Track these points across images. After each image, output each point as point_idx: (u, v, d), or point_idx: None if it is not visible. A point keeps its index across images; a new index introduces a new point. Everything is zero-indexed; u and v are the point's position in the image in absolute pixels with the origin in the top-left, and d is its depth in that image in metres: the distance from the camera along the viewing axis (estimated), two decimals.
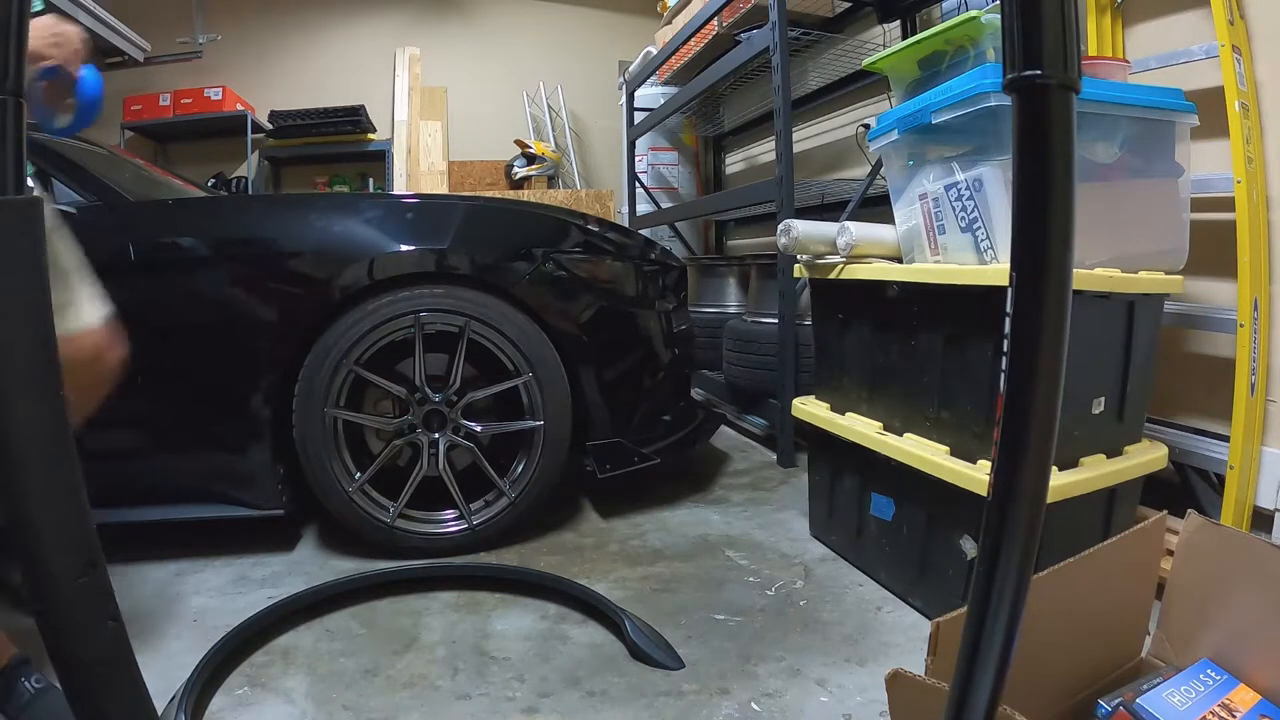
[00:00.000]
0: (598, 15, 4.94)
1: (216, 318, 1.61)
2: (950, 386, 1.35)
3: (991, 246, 1.29)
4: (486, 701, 1.15)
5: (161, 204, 1.77)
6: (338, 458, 1.66)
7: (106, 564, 0.53)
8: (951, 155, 1.40)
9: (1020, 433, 0.44)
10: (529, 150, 4.44)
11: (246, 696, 1.16)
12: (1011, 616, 0.46)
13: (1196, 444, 1.57)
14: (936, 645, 0.75)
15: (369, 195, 3.97)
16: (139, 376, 1.61)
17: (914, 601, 1.43)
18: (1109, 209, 1.38)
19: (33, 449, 0.50)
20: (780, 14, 2.20)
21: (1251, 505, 1.47)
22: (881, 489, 1.50)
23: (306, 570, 1.62)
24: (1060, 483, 1.22)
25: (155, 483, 1.64)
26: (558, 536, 1.80)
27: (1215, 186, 1.52)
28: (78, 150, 1.86)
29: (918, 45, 1.56)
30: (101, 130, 3.78)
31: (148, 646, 1.29)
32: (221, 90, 4.22)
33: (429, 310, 1.63)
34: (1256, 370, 1.45)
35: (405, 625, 1.38)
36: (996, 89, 1.22)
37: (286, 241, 1.65)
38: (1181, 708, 0.83)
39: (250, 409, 1.61)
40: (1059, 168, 0.42)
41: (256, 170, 4.48)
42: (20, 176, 0.49)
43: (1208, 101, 1.48)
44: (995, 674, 0.46)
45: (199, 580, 1.57)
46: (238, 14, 4.55)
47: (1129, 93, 1.36)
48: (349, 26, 4.78)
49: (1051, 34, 0.41)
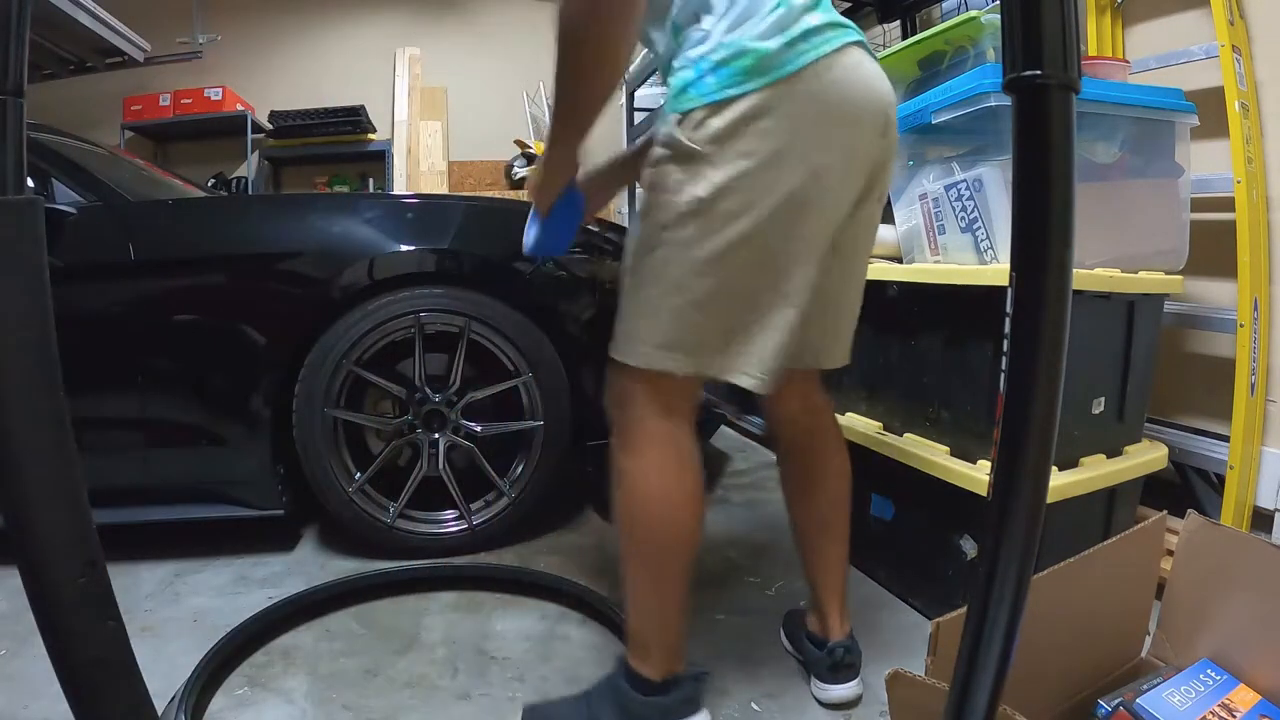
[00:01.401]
0: None
1: (216, 318, 1.61)
2: (950, 386, 1.35)
3: (991, 246, 1.29)
4: (487, 702, 1.15)
5: (161, 204, 1.77)
6: (338, 458, 1.66)
7: (106, 564, 0.53)
8: (951, 155, 1.40)
9: (1020, 433, 0.44)
10: (529, 150, 4.43)
11: (246, 696, 1.16)
12: (1011, 616, 0.46)
13: (1196, 444, 1.57)
14: (936, 645, 0.75)
15: (369, 195, 3.97)
16: (139, 376, 1.62)
17: (914, 601, 1.43)
18: (1109, 209, 1.38)
19: (33, 449, 0.50)
20: None
21: (1251, 505, 1.47)
22: (881, 489, 1.50)
23: (306, 570, 1.62)
24: (1060, 483, 1.22)
25: (155, 483, 1.63)
26: (558, 537, 1.80)
27: (1215, 186, 1.52)
28: (78, 150, 1.86)
29: (918, 45, 1.56)
30: (101, 130, 3.78)
31: (147, 646, 1.29)
32: (221, 90, 4.22)
33: (429, 310, 1.63)
34: (1256, 370, 1.45)
35: (405, 625, 1.38)
36: (996, 89, 1.22)
37: (286, 242, 1.65)
38: (1181, 708, 0.83)
39: (250, 409, 1.60)
40: (1059, 168, 0.42)
41: (256, 170, 4.48)
42: (20, 176, 0.49)
43: (1208, 101, 1.48)
44: (995, 674, 0.46)
45: (199, 580, 1.57)
46: (238, 14, 4.55)
47: (1129, 93, 1.36)
48: (349, 26, 4.78)
49: (1051, 34, 0.41)
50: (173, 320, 1.60)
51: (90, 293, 1.56)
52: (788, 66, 0.89)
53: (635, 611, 1.01)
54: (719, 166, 0.90)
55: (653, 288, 0.95)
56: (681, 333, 0.94)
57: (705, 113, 0.90)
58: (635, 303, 0.97)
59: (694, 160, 0.91)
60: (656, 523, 0.98)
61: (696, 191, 0.91)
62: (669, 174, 0.93)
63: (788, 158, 0.91)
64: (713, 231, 0.91)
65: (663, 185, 0.93)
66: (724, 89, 0.89)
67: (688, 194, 0.91)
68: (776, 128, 0.90)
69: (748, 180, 0.91)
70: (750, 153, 0.90)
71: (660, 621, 1.00)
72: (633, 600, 1.02)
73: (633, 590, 1.02)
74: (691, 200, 0.91)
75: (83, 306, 1.54)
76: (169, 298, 1.60)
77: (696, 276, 0.92)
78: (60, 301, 0.51)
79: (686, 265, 0.92)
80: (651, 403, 0.97)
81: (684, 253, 0.92)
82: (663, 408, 0.97)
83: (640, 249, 0.96)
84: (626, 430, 0.99)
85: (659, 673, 0.99)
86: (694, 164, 0.91)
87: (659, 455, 0.97)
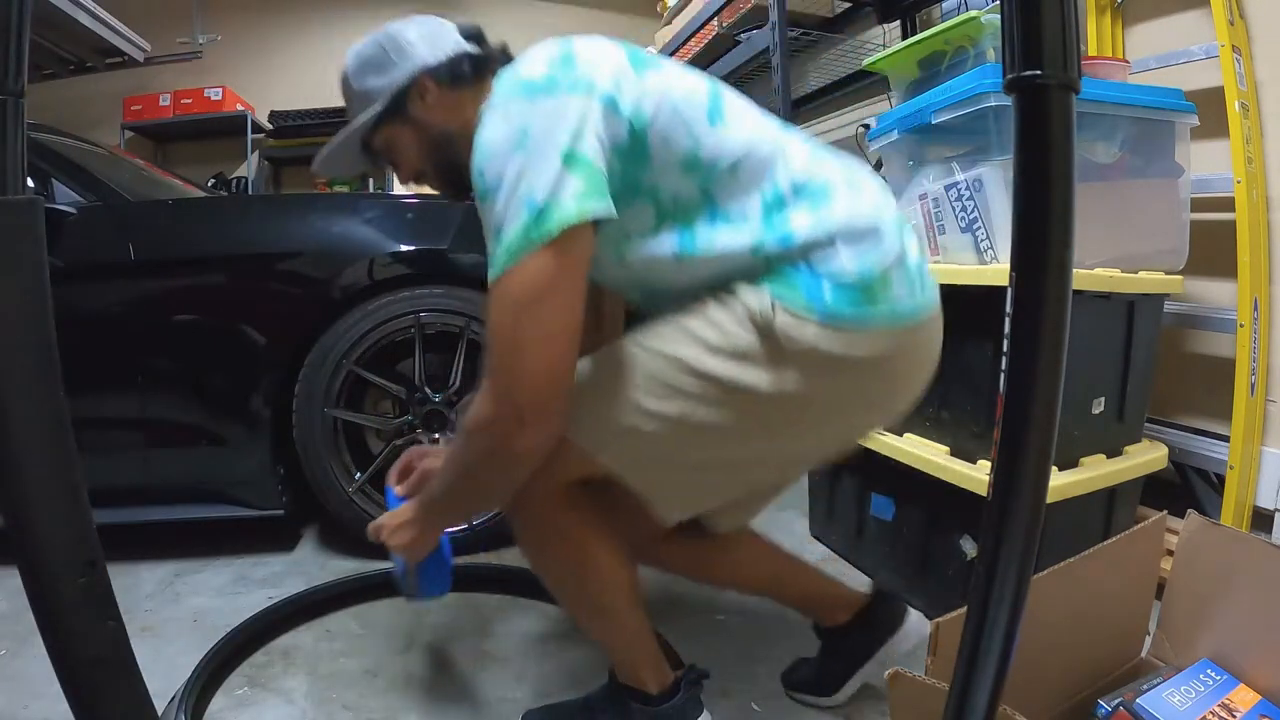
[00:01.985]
0: (597, 15, 4.93)
1: (216, 318, 1.61)
2: (950, 386, 1.35)
3: (991, 246, 1.29)
4: (487, 702, 1.15)
5: (161, 204, 1.77)
6: (338, 458, 1.66)
7: (106, 564, 0.53)
8: (951, 155, 1.40)
9: (1020, 433, 0.45)
10: None
11: (246, 696, 1.16)
12: (1011, 616, 0.46)
13: (1196, 444, 1.57)
14: (936, 645, 0.75)
15: (369, 195, 3.97)
16: (139, 376, 1.62)
17: (914, 601, 1.42)
18: (1109, 209, 1.38)
19: (33, 449, 0.50)
20: (780, 14, 2.20)
21: (1251, 505, 1.47)
22: (881, 489, 1.49)
23: (306, 570, 1.62)
24: (1060, 483, 1.22)
25: (155, 483, 1.63)
26: None
27: (1215, 186, 1.52)
28: (78, 150, 1.86)
29: (918, 45, 1.56)
30: (101, 130, 3.78)
31: (147, 646, 1.29)
32: (221, 90, 4.22)
33: (429, 310, 1.63)
34: (1256, 370, 1.45)
35: (405, 625, 1.38)
36: (996, 89, 1.22)
37: (287, 242, 1.65)
38: (1181, 708, 0.83)
39: (250, 409, 1.60)
40: (1059, 168, 0.42)
41: (256, 170, 4.47)
42: (20, 176, 0.49)
43: (1208, 101, 1.47)
44: (995, 674, 0.47)
45: (199, 580, 1.57)
46: (238, 14, 4.55)
47: (1129, 93, 1.36)
48: (349, 26, 4.77)
49: (1051, 34, 0.41)
50: (173, 320, 1.60)
51: (90, 293, 1.56)
52: (917, 316, 0.85)
53: (603, 644, 1.02)
54: (790, 375, 0.83)
55: (640, 404, 0.87)
56: (639, 455, 0.89)
57: (815, 324, 0.82)
58: (609, 396, 0.88)
59: (773, 351, 0.83)
60: (582, 583, 0.96)
61: (754, 380, 0.83)
62: (735, 335, 0.84)
63: (863, 401, 0.88)
64: (744, 420, 0.85)
65: (717, 334, 0.85)
66: (843, 313, 0.82)
67: (743, 374, 0.83)
68: (876, 373, 0.85)
69: (814, 407, 0.86)
70: (834, 387, 0.85)
71: (628, 642, 1.00)
72: (591, 635, 1.03)
73: (589, 633, 1.03)
74: (742, 382, 0.83)
75: (83, 306, 1.54)
76: (169, 298, 1.60)
77: (695, 436, 0.86)
78: (60, 301, 0.51)
79: (692, 424, 0.86)
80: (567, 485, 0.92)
81: (699, 410, 0.85)
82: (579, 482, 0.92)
83: (649, 359, 0.88)
84: (537, 504, 0.93)
85: (655, 685, 0.99)
86: (769, 353, 0.83)
87: (574, 528, 0.93)
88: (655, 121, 0.83)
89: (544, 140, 0.77)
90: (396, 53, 0.96)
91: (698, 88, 0.88)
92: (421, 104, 0.96)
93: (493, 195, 0.79)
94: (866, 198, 0.88)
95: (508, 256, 0.77)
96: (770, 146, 0.87)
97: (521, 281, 0.76)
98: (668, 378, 0.86)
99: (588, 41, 0.88)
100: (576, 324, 0.79)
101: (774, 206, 0.85)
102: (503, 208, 0.77)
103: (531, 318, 0.76)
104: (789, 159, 0.87)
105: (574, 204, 0.76)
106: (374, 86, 0.97)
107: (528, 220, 0.76)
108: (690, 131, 0.84)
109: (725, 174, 0.85)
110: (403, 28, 0.98)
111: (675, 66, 0.91)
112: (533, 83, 0.81)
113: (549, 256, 0.76)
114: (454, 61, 0.96)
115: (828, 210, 0.85)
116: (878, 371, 0.86)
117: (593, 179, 0.78)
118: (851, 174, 0.90)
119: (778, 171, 0.86)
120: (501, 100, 0.82)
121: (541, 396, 0.78)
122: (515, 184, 0.77)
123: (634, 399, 0.87)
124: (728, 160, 0.85)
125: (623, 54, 0.87)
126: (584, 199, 0.77)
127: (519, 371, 0.77)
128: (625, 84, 0.83)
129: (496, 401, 0.79)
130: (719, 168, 0.85)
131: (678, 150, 0.84)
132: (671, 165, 0.85)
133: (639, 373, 0.88)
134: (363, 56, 0.99)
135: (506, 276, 0.77)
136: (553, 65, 0.83)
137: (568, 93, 0.80)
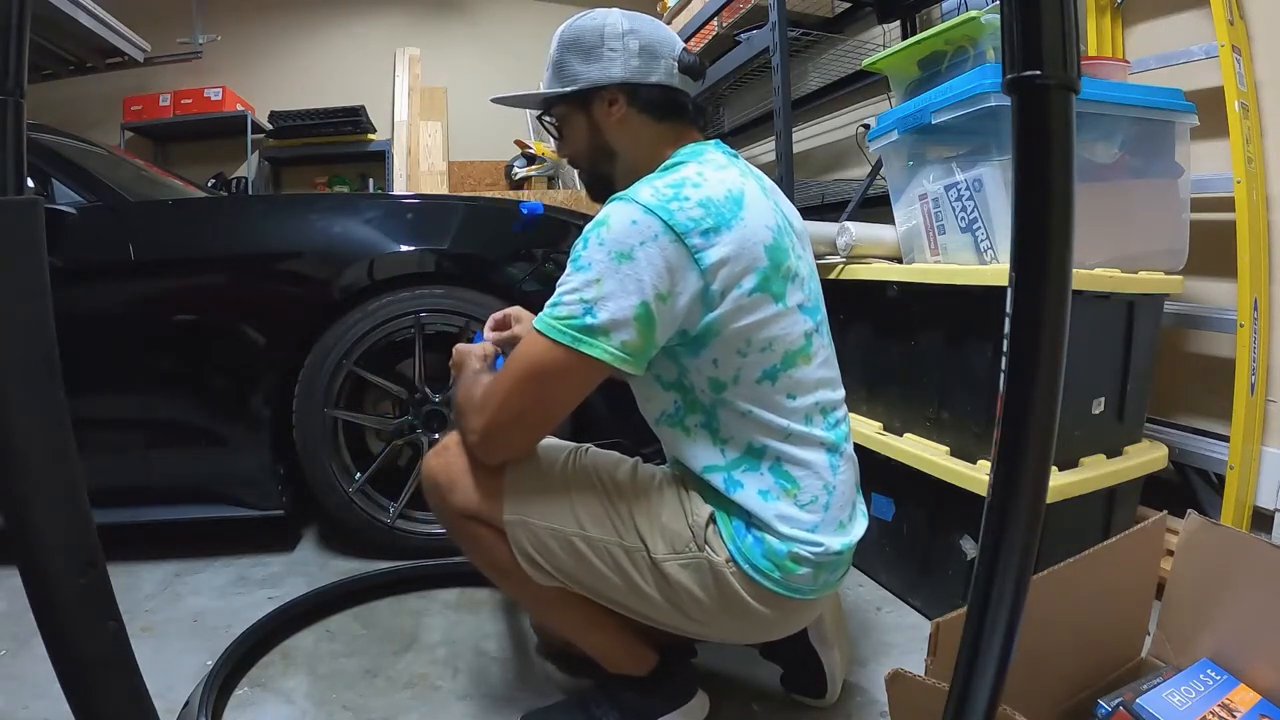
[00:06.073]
0: None
1: (216, 318, 1.61)
2: (950, 386, 1.35)
3: (991, 246, 1.29)
4: (487, 702, 1.15)
5: (161, 204, 1.77)
6: (338, 458, 1.66)
7: (106, 564, 0.52)
8: (951, 155, 1.40)
9: (1020, 433, 0.44)
10: (529, 150, 4.43)
11: (247, 697, 1.16)
12: (1011, 616, 0.46)
13: (1196, 444, 1.57)
14: (936, 645, 0.75)
15: (369, 195, 3.97)
16: (140, 376, 1.62)
17: (914, 601, 1.43)
18: (1109, 209, 1.38)
19: (33, 449, 0.50)
20: (780, 14, 2.20)
21: (1251, 505, 1.47)
22: (881, 489, 1.50)
23: (306, 570, 1.62)
24: (1060, 483, 1.22)
25: (156, 483, 1.63)
26: None
27: (1215, 186, 1.52)
28: (78, 150, 1.86)
29: (918, 45, 1.56)
30: (101, 130, 3.78)
31: (147, 646, 1.29)
32: (221, 91, 4.21)
33: (429, 311, 1.62)
34: (1256, 370, 1.45)
35: (405, 625, 1.38)
36: (996, 89, 1.22)
37: (286, 242, 1.65)
38: (1181, 708, 0.83)
39: (250, 409, 1.60)
40: (1059, 168, 0.42)
41: (256, 171, 4.47)
42: (20, 176, 0.49)
43: (1208, 101, 1.48)
44: (995, 674, 0.47)
45: (199, 580, 1.57)
46: (238, 14, 4.54)
47: (1129, 93, 1.36)
48: (349, 26, 4.78)
49: (1051, 34, 0.41)
50: (172, 320, 1.60)
51: (90, 293, 1.56)
52: (814, 594, 0.95)
53: (579, 643, 1.04)
54: (713, 600, 0.93)
55: (581, 525, 0.94)
56: (543, 549, 0.95)
57: (747, 577, 0.92)
58: (562, 498, 0.95)
59: (716, 579, 0.92)
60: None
61: (684, 581, 0.92)
62: (689, 560, 0.93)
63: (741, 635, 1.02)
64: (651, 591, 0.94)
65: (674, 546, 0.93)
66: (773, 579, 0.91)
67: (680, 575, 0.92)
68: (766, 622, 0.95)
69: (703, 621, 0.95)
70: (734, 620, 0.95)
71: (603, 637, 1.02)
72: (566, 635, 1.07)
73: (561, 632, 1.08)
74: (673, 579, 0.92)
75: (83, 306, 1.54)
76: (169, 298, 1.60)
77: (603, 573, 0.94)
78: (60, 301, 0.51)
79: (608, 565, 0.94)
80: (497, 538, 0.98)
81: (623, 563, 0.94)
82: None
83: (617, 505, 0.95)
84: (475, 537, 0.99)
85: (642, 669, 1.02)
86: (712, 578, 0.92)
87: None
88: (723, 331, 0.88)
89: (639, 277, 0.83)
90: (609, 49, 0.95)
91: (793, 335, 0.92)
92: (606, 111, 0.97)
93: (575, 269, 0.86)
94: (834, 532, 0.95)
95: (546, 324, 0.86)
96: (790, 427, 0.92)
97: (553, 358, 0.86)
98: (619, 529, 0.94)
99: (756, 206, 0.90)
100: (556, 415, 0.91)
101: (751, 460, 0.93)
102: (573, 288, 0.85)
103: (536, 384, 0.88)
104: (794, 444, 0.93)
105: (614, 351, 0.83)
106: (574, 68, 0.96)
107: (577, 324, 0.84)
108: (739, 375, 0.90)
109: (735, 412, 0.92)
110: (631, 27, 0.96)
111: (810, 280, 0.98)
112: (674, 220, 0.84)
113: (574, 359, 0.85)
114: (655, 91, 0.96)
115: (794, 514, 0.92)
116: (768, 622, 0.96)
117: (646, 339, 0.85)
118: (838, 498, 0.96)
119: (773, 447, 0.92)
120: (648, 203, 0.85)
121: (494, 453, 0.94)
122: (592, 284, 0.83)
123: (579, 517, 0.94)
124: (744, 408, 0.91)
125: (765, 256, 0.89)
126: (624, 352, 0.84)
127: (499, 423, 0.91)
128: (730, 283, 0.87)
129: (465, 430, 0.94)
130: (735, 407, 0.91)
131: (718, 373, 0.90)
132: (704, 371, 0.91)
133: (601, 505, 0.95)
134: (580, 33, 0.97)
135: (546, 347, 0.85)
136: (705, 213, 0.85)
137: (689, 255, 0.84)
